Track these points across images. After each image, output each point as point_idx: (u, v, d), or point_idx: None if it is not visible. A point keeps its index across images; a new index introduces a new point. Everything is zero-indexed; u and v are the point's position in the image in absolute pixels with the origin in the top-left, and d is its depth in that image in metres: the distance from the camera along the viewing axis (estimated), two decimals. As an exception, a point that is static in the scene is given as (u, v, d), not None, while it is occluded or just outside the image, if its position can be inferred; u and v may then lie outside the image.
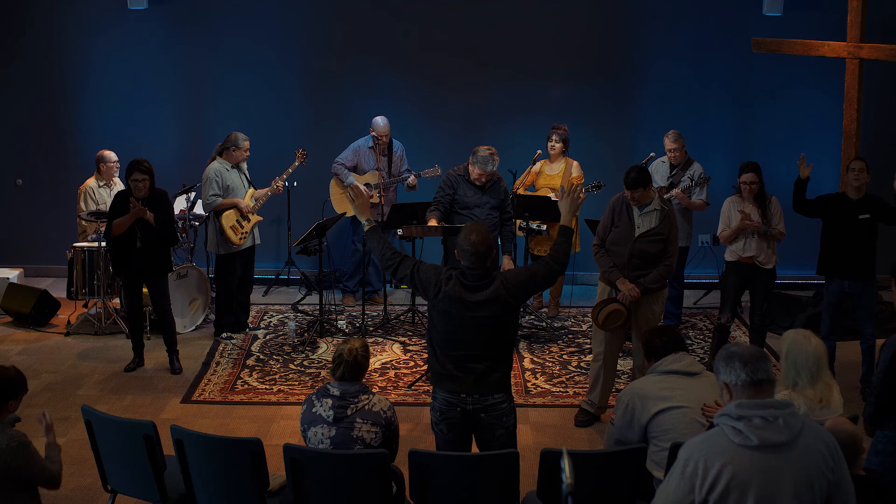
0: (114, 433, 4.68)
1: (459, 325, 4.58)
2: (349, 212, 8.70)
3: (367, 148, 8.74)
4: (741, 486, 3.08)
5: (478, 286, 4.57)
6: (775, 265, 7.10)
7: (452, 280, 4.58)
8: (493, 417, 4.64)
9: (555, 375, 7.36)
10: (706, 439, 3.20)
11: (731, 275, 7.12)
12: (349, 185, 8.68)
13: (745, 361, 3.18)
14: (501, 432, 4.68)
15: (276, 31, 9.60)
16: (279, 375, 7.35)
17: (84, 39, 9.66)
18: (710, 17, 9.45)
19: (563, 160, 8.37)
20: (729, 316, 7.13)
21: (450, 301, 4.57)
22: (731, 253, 7.10)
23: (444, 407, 4.65)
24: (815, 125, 9.47)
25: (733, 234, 6.99)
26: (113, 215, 7.18)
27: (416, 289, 4.73)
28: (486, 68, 9.59)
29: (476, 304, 4.55)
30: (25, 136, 9.81)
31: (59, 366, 7.53)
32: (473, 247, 4.56)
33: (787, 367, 4.44)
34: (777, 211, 7.00)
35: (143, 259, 7.18)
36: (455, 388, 4.61)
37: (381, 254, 4.79)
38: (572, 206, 4.83)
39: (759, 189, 6.94)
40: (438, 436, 4.75)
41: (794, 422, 3.14)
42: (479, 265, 4.58)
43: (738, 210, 6.96)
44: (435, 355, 4.68)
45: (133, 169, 7.09)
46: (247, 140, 7.93)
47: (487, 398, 4.62)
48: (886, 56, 7.77)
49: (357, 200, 4.96)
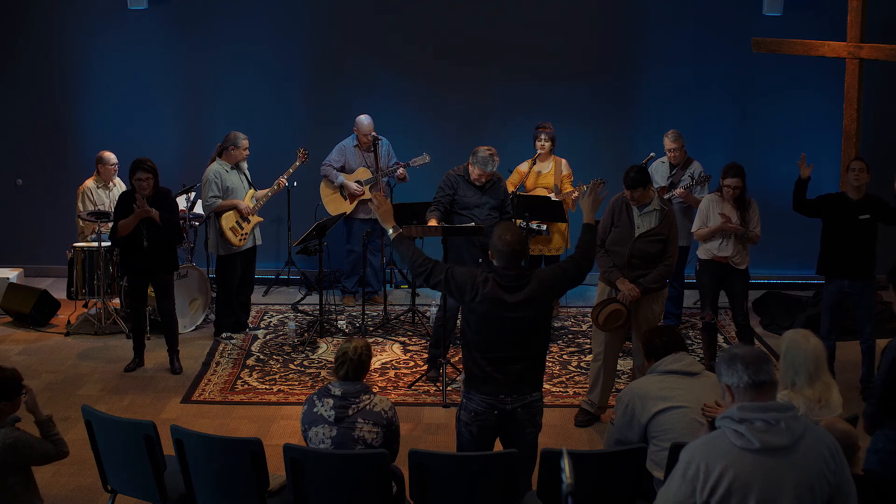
0: (114, 433, 4.68)
1: (498, 327, 4.57)
2: (348, 211, 8.72)
3: (352, 147, 8.77)
4: (742, 490, 3.07)
5: (515, 286, 4.56)
6: (748, 266, 7.10)
7: (489, 282, 4.56)
8: (528, 414, 4.65)
9: (555, 375, 7.36)
10: (708, 442, 3.19)
11: (706, 273, 7.12)
12: (339, 185, 8.70)
13: (747, 363, 3.17)
14: (531, 430, 4.70)
15: (275, 31, 9.60)
16: (279, 375, 7.35)
17: (84, 39, 9.66)
18: (710, 18, 9.45)
19: (551, 159, 8.37)
20: (711, 314, 7.13)
21: (489, 303, 4.55)
22: (706, 251, 7.09)
23: (480, 409, 4.62)
24: (815, 125, 9.47)
25: (710, 233, 7.00)
26: (118, 216, 7.17)
27: (451, 293, 4.69)
28: (485, 68, 9.59)
29: (515, 305, 4.55)
30: (25, 136, 9.81)
31: (59, 366, 7.54)
32: (509, 246, 4.56)
33: (785, 366, 4.44)
34: (755, 214, 7.00)
35: (150, 258, 7.18)
36: (494, 390, 4.60)
37: (412, 261, 4.71)
38: (595, 204, 4.89)
39: (740, 193, 6.95)
40: (466, 436, 4.71)
41: (796, 425, 3.13)
42: (515, 265, 4.58)
43: (717, 213, 6.95)
44: (471, 357, 4.66)
45: (136, 168, 7.09)
46: (245, 139, 7.93)
47: (525, 396, 4.63)
48: (886, 56, 7.77)
49: (381, 208, 4.84)
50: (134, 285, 7.36)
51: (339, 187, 8.77)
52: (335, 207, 8.76)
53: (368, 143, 8.66)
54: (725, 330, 8.25)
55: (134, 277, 7.32)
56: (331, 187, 8.81)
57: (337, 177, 8.74)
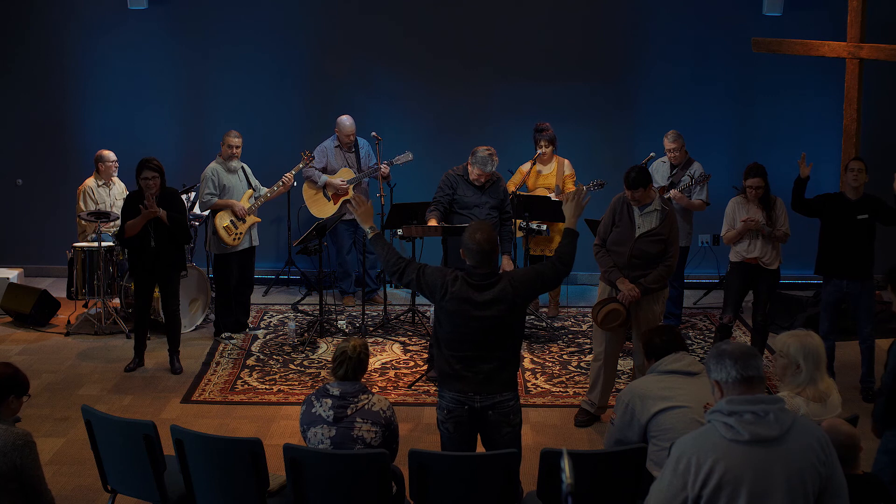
0: (114, 433, 4.68)
1: (467, 326, 4.58)
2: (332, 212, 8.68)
3: (333, 147, 8.78)
4: (734, 482, 3.09)
5: (484, 285, 4.57)
6: (779, 266, 7.10)
7: (459, 281, 4.58)
8: (500, 415, 4.65)
9: (555, 375, 7.36)
10: (698, 436, 3.21)
11: (735, 275, 7.12)
12: (323, 184, 8.71)
13: (735, 358, 3.20)
14: (508, 430, 4.69)
15: (275, 31, 9.61)
16: (279, 375, 7.35)
17: (84, 39, 9.66)
18: (710, 18, 9.45)
19: (554, 159, 8.37)
20: (731, 316, 7.13)
21: (457, 302, 4.56)
22: (736, 253, 7.10)
23: (451, 405, 4.65)
24: (815, 125, 9.47)
25: (737, 235, 7.00)
26: (125, 217, 7.17)
27: (422, 292, 4.72)
28: (485, 68, 9.60)
29: (483, 304, 4.56)
30: (25, 136, 9.82)
31: (59, 366, 7.54)
32: (479, 245, 4.58)
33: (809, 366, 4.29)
34: (782, 212, 7.00)
35: (158, 258, 7.18)
36: (463, 388, 4.62)
37: (386, 260, 4.79)
38: (577, 210, 4.88)
39: (764, 192, 6.94)
40: (444, 434, 4.75)
41: (784, 416, 3.15)
42: (485, 264, 4.60)
43: (741, 220, 6.96)
44: (442, 355, 4.68)
45: (143, 167, 7.10)
46: (232, 135, 7.92)
47: (495, 395, 4.63)
48: (886, 56, 7.77)
49: (360, 209, 4.94)
50: (140, 285, 7.35)
51: (323, 187, 8.76)
52: (319, 209, 8.76)
53: (350, 143, 8.69)
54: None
55: (141, 277, 7.31)
56: (314, 188, 8.81)
57: (319, 177, 8.75)
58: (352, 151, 8.76)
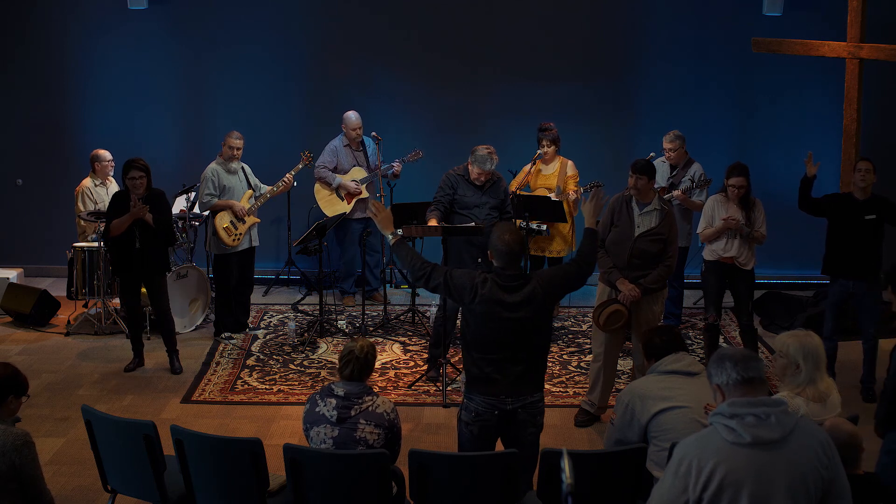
0: (114, 433, 4.68)
1: (498, 328, 4.57)
2: (346, 211, 8.71)
3: (342, 147, 8.79)
4: (735, 485, 3.08)
5: (514, 286, 4.57)
6: (754, 266, 7.08)
7: (488, 283, 4.57)
8: (529, 415, 4.66)
9: (555, 375, 7.36)
10: (700, 438, 3.21)
11: (711, 274, 7.10)
12: (337, 185, 8.71)
13: (735, 361, 3.21)
14: (532, 430, 4.71)
15: (275, 31, 9.60)
16: (279, 375, 7.35)
17: (84, 39, 9.66)
18: (710, 18, 9.45)
19: (557, 160, 8.36)
20: (715, 315, 7.12)
21: (488, 304, 4.55)
22: (711, 252, 7.07)
23: (481, 409, 4.63)
24: (815, 125, 9.46)
25: (715, 234, 6.98)
26: (111, 216, 7.17)
27: (450, 296, 4.70)
28: (485, 68, 9.59)
29: (514, 305, 4.55)
30: (25, 136, 9.82)
31: (59, 366, 7.53)
32: (508, 246, 4.58)
33: (809, 366, 4.32)
34: (761, 214, 6.97)
35: (143, 259, 7.17)
36: (495, 391, 4.61)
37: (411, 266, 4.75)
38: (596, 210, 4.91)
39: (745, 192, 6.93)
40: (465, 435, 4.73)
41: (786, 419, 3.15)
42: (514, 265, 4.61)
43: (721, 218, 6.94)
44: (470, 358, 4.67)
45: (129, 167, 7.09)
46: (237, 138, 7.92)
47: (526, 397, 4.64)
48: (886, 56, 7.77)
49: (379, 215, 4.90)
50: (126, 285, 7.34)
51: (337, 188, 8.77)
52: (332, 209, 8.76)
53: (358, 138, 8.69)
54: (726, 331, 8.24)
55: (126, 277, 7.30)
56: (327, 189, 8.81)
57: (334, 178, 8.75)
58: (360, 150, 8.76)
